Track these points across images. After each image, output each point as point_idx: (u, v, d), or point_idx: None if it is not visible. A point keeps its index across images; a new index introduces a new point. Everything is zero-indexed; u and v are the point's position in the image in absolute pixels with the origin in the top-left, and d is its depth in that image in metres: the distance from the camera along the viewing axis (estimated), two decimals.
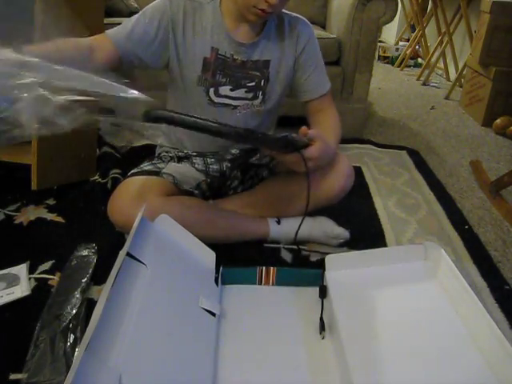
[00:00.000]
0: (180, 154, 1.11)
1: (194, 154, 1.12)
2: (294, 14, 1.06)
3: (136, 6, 2.16)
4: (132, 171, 1.06)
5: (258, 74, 1.03)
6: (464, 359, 0.70)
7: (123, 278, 0.65)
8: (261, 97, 1.06)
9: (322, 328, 0.77)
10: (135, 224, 0.76)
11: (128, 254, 0.70)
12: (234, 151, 1.15)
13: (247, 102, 1.05)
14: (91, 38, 0.91)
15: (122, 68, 0.96)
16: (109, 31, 0.94)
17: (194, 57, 0.98)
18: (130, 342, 0.59)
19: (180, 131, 1.10)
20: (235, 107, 1.05)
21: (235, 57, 0.99)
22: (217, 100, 1.03)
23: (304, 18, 1.06)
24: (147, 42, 0.95)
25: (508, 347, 0.66)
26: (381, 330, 0.75)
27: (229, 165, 1.16)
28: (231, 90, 1.02)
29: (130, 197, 0.96)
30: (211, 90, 1.02)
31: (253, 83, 1.03)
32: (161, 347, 0.64)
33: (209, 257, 0.89)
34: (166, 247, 0.82)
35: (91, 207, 1.22)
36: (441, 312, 0.80)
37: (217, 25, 0.96)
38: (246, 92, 1.04)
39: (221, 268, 0.91)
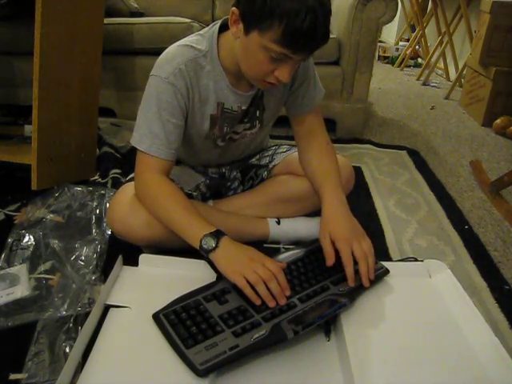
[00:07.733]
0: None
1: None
2: None
3: (136, 6, 2.16)
4: (131, 176, 1.04)
5: (252, 108, 1.00)
6: (463, 367, 0.70)
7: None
8: (258, 125, 1.04)
9: (328, 332, 0.78)
10: (112, 274, 0.84)
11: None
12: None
13: (246, 131, 1.04)
14: (159, 179, 0.89)
15: None
16: (152, 151, 0.89)
17: (201, 117, 0.95)
18: None
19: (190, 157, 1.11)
20: (235, 140, 1.05)
21: (242, 107, 0.97)
22: (222, 144, 1.03)
23: None
24: (181, 127, 0.92)
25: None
26: (383, 334, 0.76)
27: (228, 167, 1.16)
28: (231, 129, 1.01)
29: (129, 205, 0.93)
30: (219, 140, 1.01)
31: (248, 115, 1.01)
32: None
33: (201, 267, 0.89)
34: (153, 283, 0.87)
35: None
36: (443, 321, 0.80)
37: (219, 79, 0.91)
38: (242, 124, 1.02)
39: None
